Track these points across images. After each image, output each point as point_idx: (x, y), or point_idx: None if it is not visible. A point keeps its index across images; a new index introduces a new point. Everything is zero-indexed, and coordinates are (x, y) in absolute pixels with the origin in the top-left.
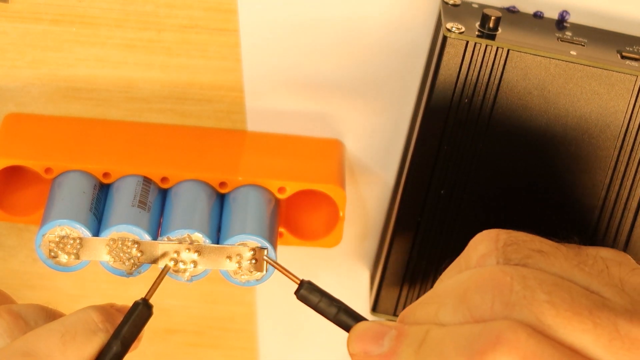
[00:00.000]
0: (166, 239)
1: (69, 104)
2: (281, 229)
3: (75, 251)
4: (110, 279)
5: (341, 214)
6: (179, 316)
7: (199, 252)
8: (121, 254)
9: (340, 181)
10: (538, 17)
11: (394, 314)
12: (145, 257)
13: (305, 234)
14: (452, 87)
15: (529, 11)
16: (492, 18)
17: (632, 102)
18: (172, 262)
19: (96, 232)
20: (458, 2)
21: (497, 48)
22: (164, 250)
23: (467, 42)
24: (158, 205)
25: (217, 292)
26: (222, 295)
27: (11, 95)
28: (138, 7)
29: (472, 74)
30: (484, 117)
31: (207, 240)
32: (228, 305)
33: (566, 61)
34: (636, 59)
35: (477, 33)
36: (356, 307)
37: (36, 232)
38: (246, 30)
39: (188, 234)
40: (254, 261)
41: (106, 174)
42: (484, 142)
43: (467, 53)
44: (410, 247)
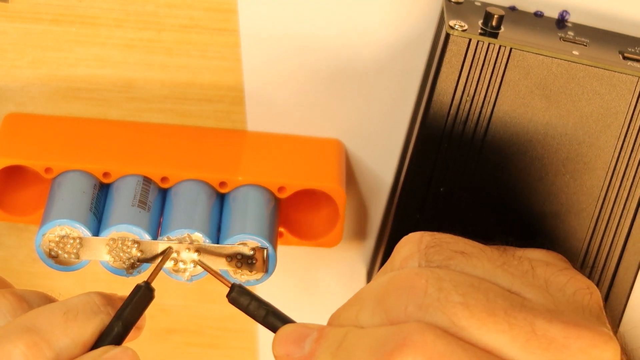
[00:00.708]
0: (166, 239)
1: (69, 104)
2: (281, 229)
3: (75, 251)
4: (110, 279)
5: (341, 213)
6: (179, 316)
7: (199, 251)
8: (121, 254)
9: (340, 181)
10: (539, 16)
11: None
12: (145, 257)
13: (305, 234)
14: (454, 85)
15: (529, 10)
16: (495, 16)
17: (634, 103)
18: (172, 262)
19: (96, 232)
20: (461, 0)
21: (500, 46)
22: (163, 249)
23: (470, 40)
24: (158, 205)
25: (217, 292)
26: (222, 295)
27: (11, 95)
28: (138, 7)
29: (474, 72)
30: (485, 115)
31: (207, 240)
32: (228, 305)
33: (568, 61)
34: (638, 60)
35: (479, 31)
36: None
37: (36, 232)
38: (246, 30)
39: (188, 234)
40: (254, 261)
41: (106, 174)
42: (484, 140)
43: (469, 51)
44: None
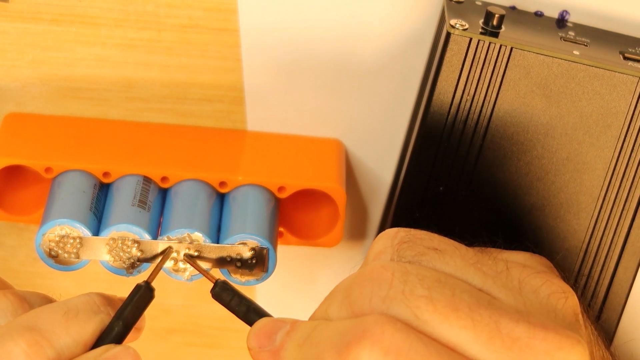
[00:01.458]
0: (166, 239)
1: (69, 103)
2: (281, 229)
3: (75, 250)
4: (110, 279)
5: (341, 213)
6: (179, 316)
7: (199, 251)
8: (121, 254)
9: (340, 181)
10: (539, 16)
11: None
12: (145, 257)
13: (305, 233)
14: (455, 84)
15: (530, 10)
16: (496, 16)
17: (634, 104)
18: (172, 262)
19: (96, 232)
20: None
21: (500, 46)
22: (163, 249)
23: (471, 39)
24: (158, 205)
25: None
26: None
27: (11, 95)
28: (138, 7)
29: (475, 71)
30: (485, 114)
31: (207, 240)
32: None
33: (569, 61)
34: (638, 60)
35: (480, 30)
36: None
37: (36, 232)
38: (246, 30)
39: (188, 234)
40: (254, 261)
41: (106, 174)
42: (484, 139)
43: (470, 50)
44: None
